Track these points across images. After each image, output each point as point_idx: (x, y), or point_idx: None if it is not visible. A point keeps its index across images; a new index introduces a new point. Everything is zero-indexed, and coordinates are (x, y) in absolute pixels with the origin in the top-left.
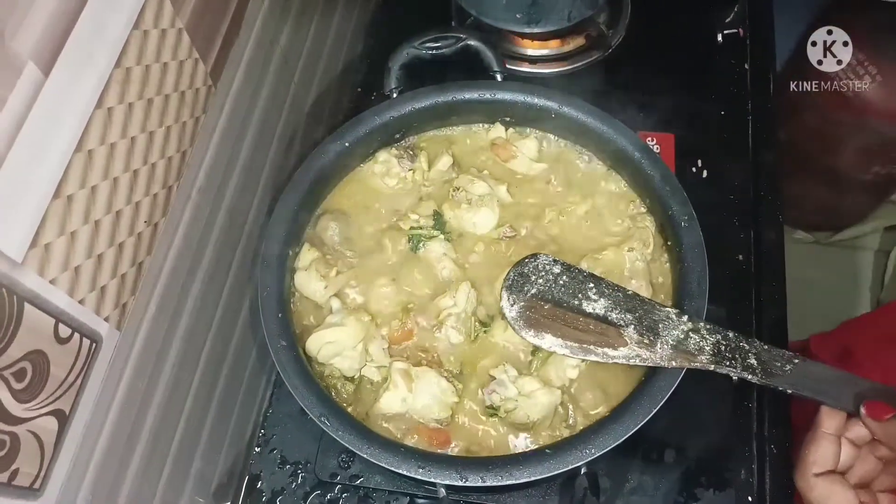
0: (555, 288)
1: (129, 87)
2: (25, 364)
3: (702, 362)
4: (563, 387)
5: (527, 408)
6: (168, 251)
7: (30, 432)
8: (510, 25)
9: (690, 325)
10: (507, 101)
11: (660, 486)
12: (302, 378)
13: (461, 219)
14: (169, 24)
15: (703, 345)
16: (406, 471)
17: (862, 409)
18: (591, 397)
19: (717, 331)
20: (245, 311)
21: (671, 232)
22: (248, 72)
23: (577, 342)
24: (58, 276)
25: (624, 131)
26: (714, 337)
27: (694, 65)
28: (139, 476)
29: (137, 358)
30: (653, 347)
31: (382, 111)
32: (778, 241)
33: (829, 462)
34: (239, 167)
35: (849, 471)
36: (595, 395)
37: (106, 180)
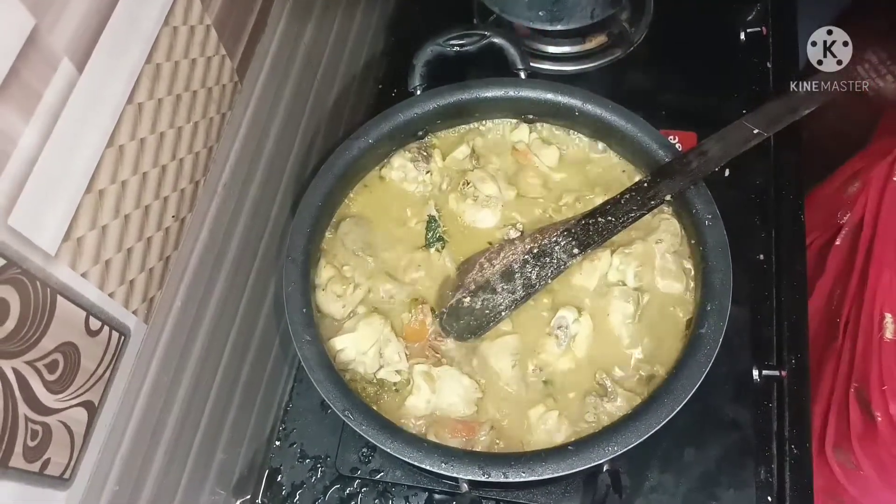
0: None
1: (158, 82)
2: (58, 356)
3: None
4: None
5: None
6: (194, 246)
7: (61, 423)
8: (533, 23)
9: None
10: (531, 98)
11: (680, 484)
12: (326, 373)
13: (464, 213)
14: (198, 21)
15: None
16: (430, 466)
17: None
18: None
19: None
20: (268, 306)
21: (694, 231)
22: (272, 68)
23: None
24: (89, 270)
25: (647, 129)
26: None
27: (716, 63)
28: (164, 467)
29: (163, 351)
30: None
31: (406, 108)
32: (799, 241)
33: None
34: (263, 163)
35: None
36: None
37: (136, 175)
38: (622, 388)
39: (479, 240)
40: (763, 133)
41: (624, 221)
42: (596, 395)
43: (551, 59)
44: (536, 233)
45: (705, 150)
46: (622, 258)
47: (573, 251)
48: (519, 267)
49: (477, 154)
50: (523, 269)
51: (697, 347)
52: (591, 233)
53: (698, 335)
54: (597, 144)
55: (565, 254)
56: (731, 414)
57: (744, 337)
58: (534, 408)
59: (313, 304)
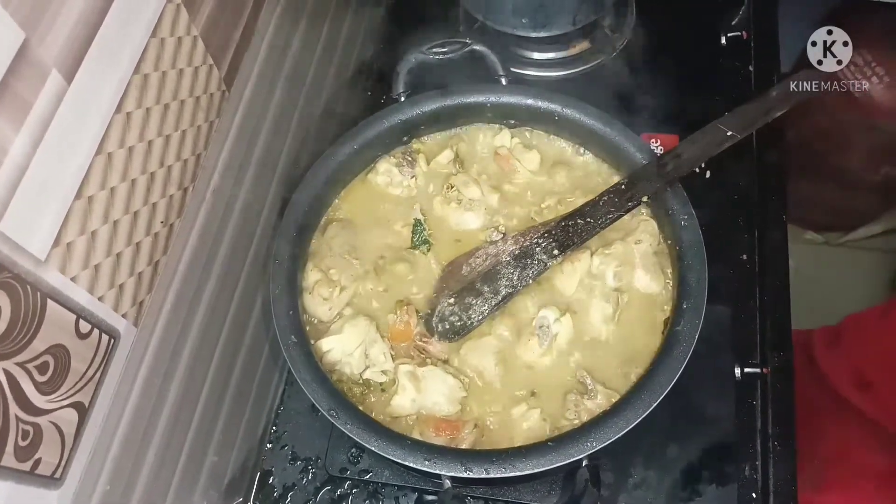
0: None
1: (146, 92)
2: (48, 357)
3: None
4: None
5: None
6: (183, 251)
7: (51, 423)
8: (516, 29)
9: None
10: (511, 104)
11: (663, 480)
12: (312, 373)
13: (448, 217)
14: (185, 32)
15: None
16: (412, 463)
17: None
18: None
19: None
20: (258, 310)
21: (671, 231)
22: (260, 77)
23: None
24: (79, 274)
25: (625, 132)
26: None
27: (698, 67)
28: (155, 468)
29: (153, 354)
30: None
31: (390, 115)
32: (782, 242)
33: None
34: (252, 169)
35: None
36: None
37: (124, 182)
38: (602, 385)
39: (463, 242)
40: (736, 135)
41: (602, 223)
42: (577, 393)
43: (536, 65)
44: (519, 235)
45: (680, 153)
46: (602, 259)
47: (554, 252)
48: (501, 268)
49: (460, 159)
50: (505, 270)
51: (674, 344)
52: (570, 234)
53: (675, 332)
54: (577, 148)
55: (546, 255)
56: (714, 411)
57: (727, 336)
58: (516, 406)
59: (300, 306)
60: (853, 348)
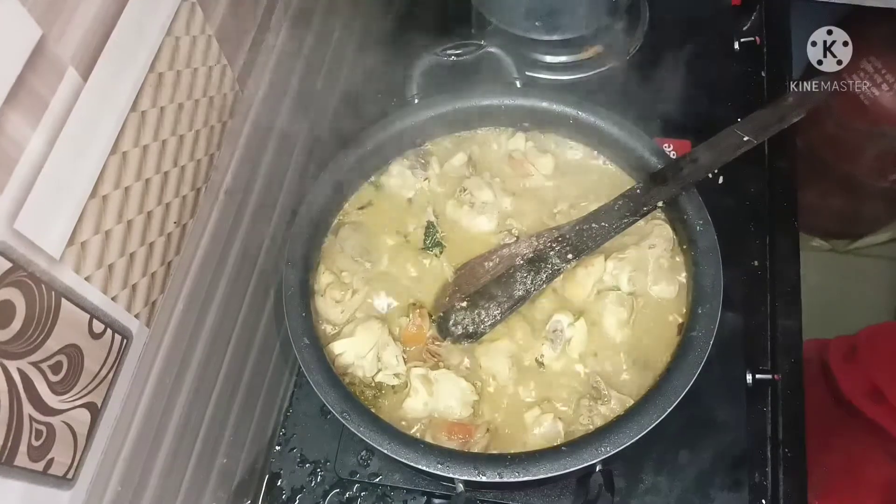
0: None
1: (161, 91)
2: (61, 357)
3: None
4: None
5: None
6: (195, 251)
7: (64, 423)
8: (529, 33)
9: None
10: (526, 107)
11: (674, 486)
12: (324, 375)
13: (460, 220)
14: (199, 31)
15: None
16: (426, 466)
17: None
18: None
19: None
20: (268, 311)
21: (686, 236)
22: (273, 77)
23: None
24: (93, 273)
25: (639, 136)
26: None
27: (711, 72)
28: (166, 470)
29: (165, 354)
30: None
31: (403, 117)
32: (793, 248)
33: None
34: (263, 169)
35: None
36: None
37: (139, 181)
38: (616, 390)
39: (476, 245)
40: (753, 140)
41: (617, 227)
42: (590, 397)
43: (548, 69)
44: (532, 238)
45: (696, 157)
46: (616, 263)
47: (567, 256)
48: (515, 272)
49: (474, 161)
50: (519, 273)
51: (688, 350)
52: (585, 238)
53: (689, 338)
54: (591, 152)
55: (560, 259)
56: (725, 417)
57: (738, 342)
58: (529, 410)
59: (312, 309)
60: (869, 360)
